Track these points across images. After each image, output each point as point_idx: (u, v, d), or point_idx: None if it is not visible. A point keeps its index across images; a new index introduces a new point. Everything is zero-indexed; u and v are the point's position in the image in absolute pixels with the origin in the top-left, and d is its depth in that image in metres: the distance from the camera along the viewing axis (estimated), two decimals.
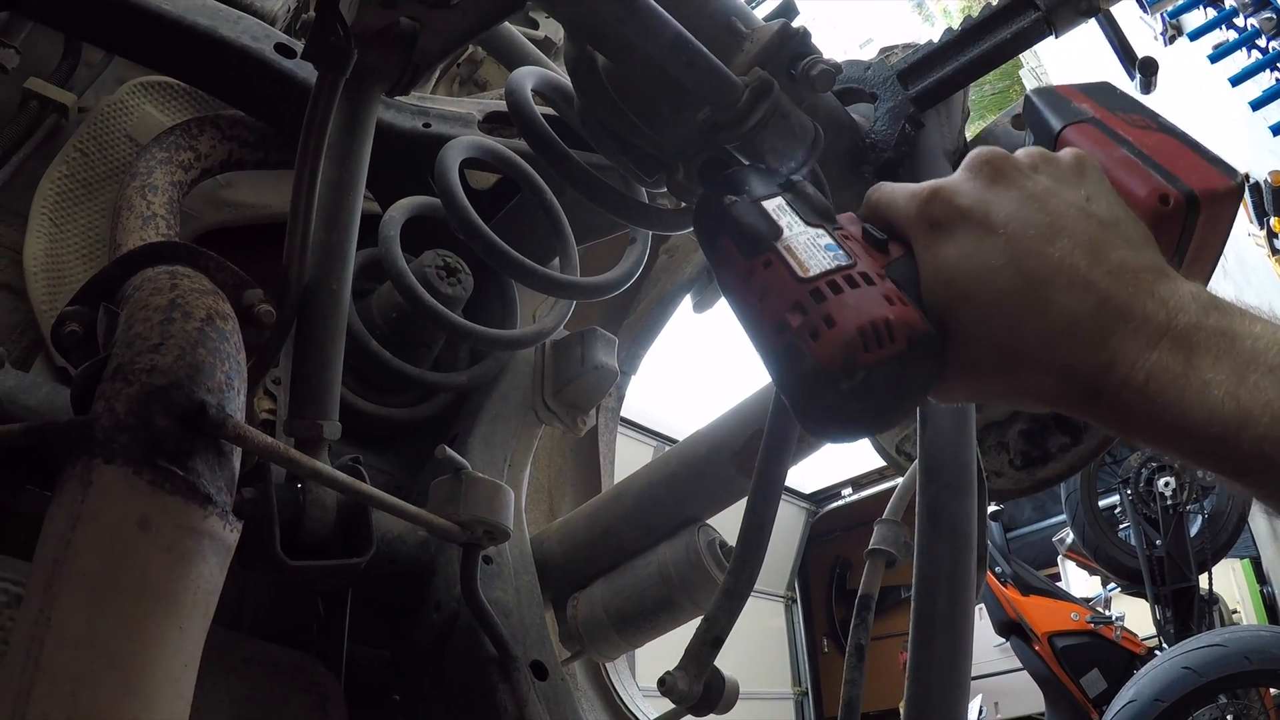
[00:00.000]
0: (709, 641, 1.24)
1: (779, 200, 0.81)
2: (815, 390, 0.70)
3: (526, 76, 1.31)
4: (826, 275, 0.72)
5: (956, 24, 1.35)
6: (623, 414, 2.96)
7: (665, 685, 1.29)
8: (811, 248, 0.74)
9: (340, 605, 1.59)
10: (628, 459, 2.76)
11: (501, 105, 2.04)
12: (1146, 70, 1.33)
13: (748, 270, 0.76)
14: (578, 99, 1.15)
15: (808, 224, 0.77)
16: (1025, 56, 11.26)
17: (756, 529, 1.17)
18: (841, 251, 0.74)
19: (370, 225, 1.69)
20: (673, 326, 2.77)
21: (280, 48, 1.87)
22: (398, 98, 1.65)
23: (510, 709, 1.40)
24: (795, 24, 1.14)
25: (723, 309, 2.62)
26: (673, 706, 1.31)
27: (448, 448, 1.35)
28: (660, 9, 0.93)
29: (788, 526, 10.75)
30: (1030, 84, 11.60)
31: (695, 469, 1.71)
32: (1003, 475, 1.68)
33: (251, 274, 1.23)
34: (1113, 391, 0.65)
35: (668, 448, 3.01)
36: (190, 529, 0.80)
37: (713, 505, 1.72)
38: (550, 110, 1.28)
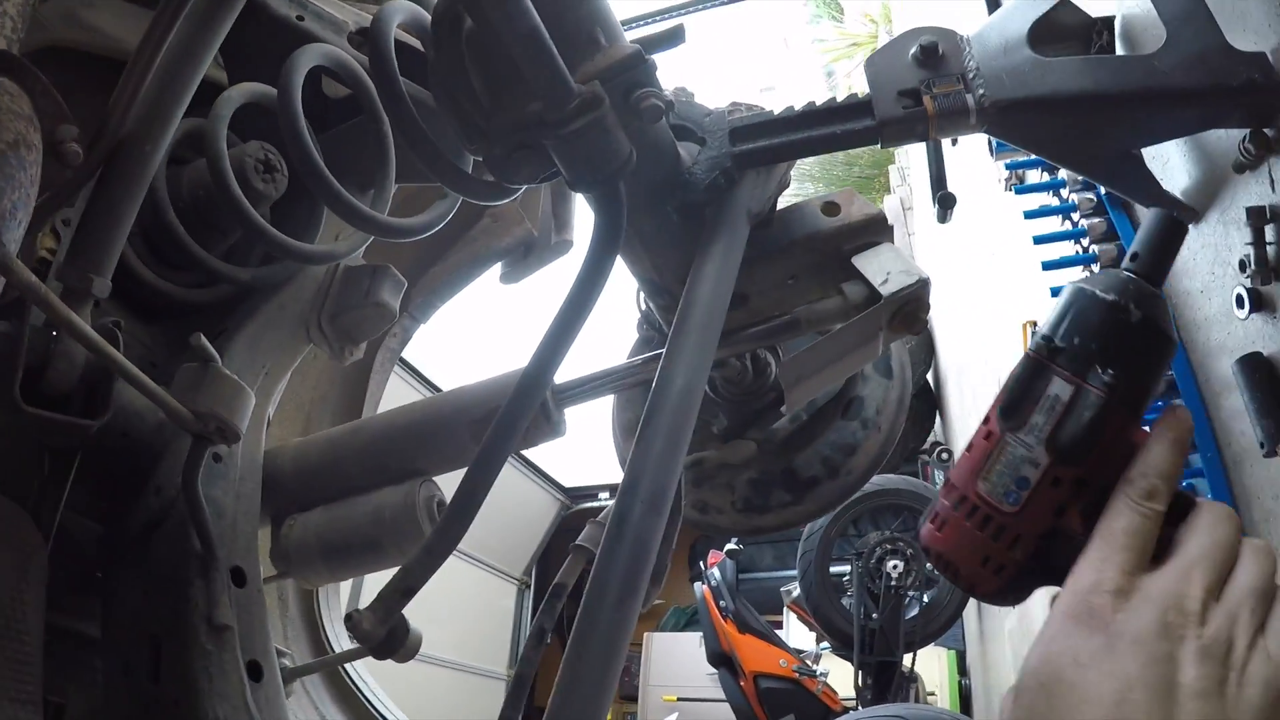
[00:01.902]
0: (401, 590, 1.28)
1: None
2: None
3: (397, 11, 1.33)
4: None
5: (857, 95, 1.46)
6: (408, 359, 2.93)
7: (351, 621, 1.33)
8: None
9: (65, 468, 1.55)
10: (399, 400, 2.78)
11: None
12: (945, 204, 1.46)
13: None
14: (432, 50, 1.18)
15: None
16: (898, 154, 11.81)
17: (469, 494, 1.22)
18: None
19: (208, 96, 1.65)
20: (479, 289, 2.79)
21: None
22: None
23: (201, 606, 1.40)
24: (681, 50, 1.21)
25: (528, 284, 2.64)
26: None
27: (202, 336, 1.35)
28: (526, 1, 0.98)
29: (538, 514, 10.84)
30: (895, 180, 12.11)
31: (435, 425, 1.74)
32: (723, 513, 1.79)
33: (76, 105, 1.20)
34: None
35: None
36: None
37: (443, 464, 1.75)
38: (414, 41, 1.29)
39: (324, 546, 1.73)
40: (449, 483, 1.80)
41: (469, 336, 7.17)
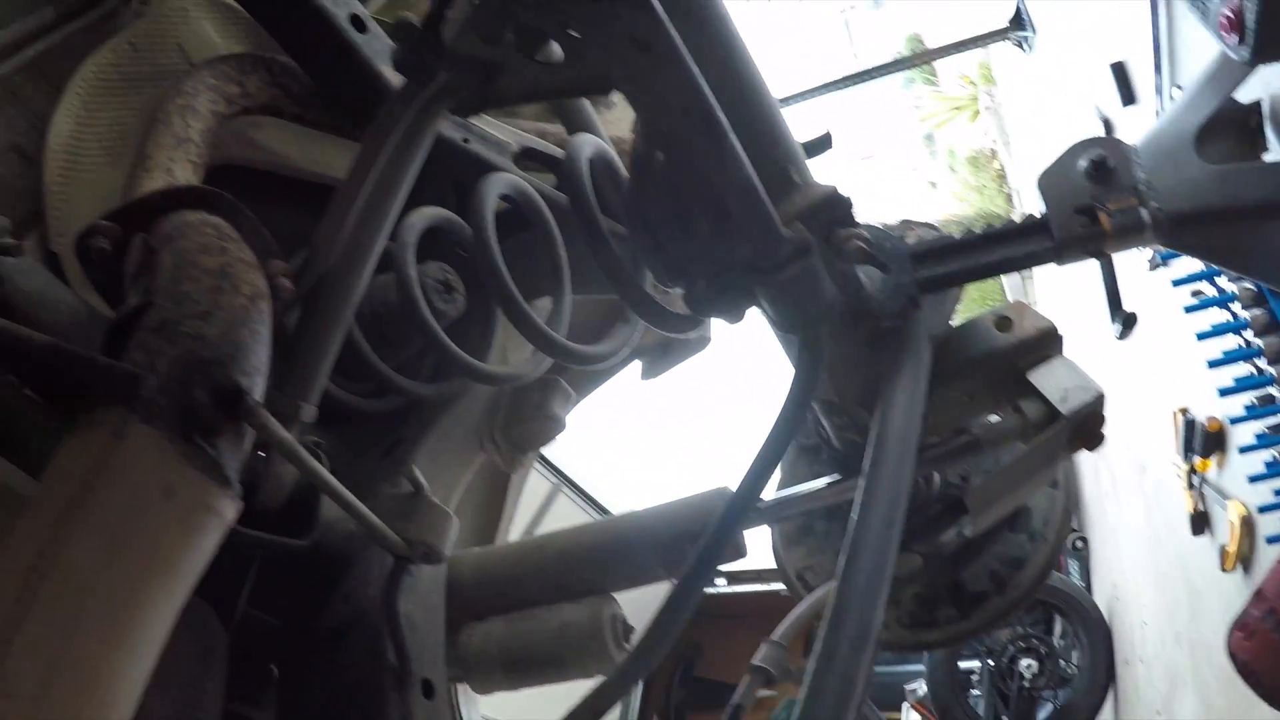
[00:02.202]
0: (592, 712, 1.31)
1: None
2: None
3: (585, 146, 1.40)
4: None
5: (957, 163, 1.48)
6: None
7: None
8: None
9: (246, 566, 1.63)
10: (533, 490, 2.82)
11: (536, 142, 2.12)
12: (1128, 323, 1.45)
13: None
14: (629, 187, 1.23)
15: None
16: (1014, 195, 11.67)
17: (667, 624, 1.24)
18: None
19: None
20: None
21: (354, 19, 1.91)
22: None
23: (395, 718, 1.45)
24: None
25: (668, 380, 2.67)
26: None
27: (415, 469, 1.41)
28: (740, 150, 1.02)
29: (655, 600, 10.74)
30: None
31: (620, 547, 1.78)
32: (888, 629, 1.78)
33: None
34: None
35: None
36: (206, 506, 0.86)
37: (625, 583, 1.78)
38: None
39: (505, 658, 1.77)
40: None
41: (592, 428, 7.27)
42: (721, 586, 9.29)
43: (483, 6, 1.19)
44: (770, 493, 1.79)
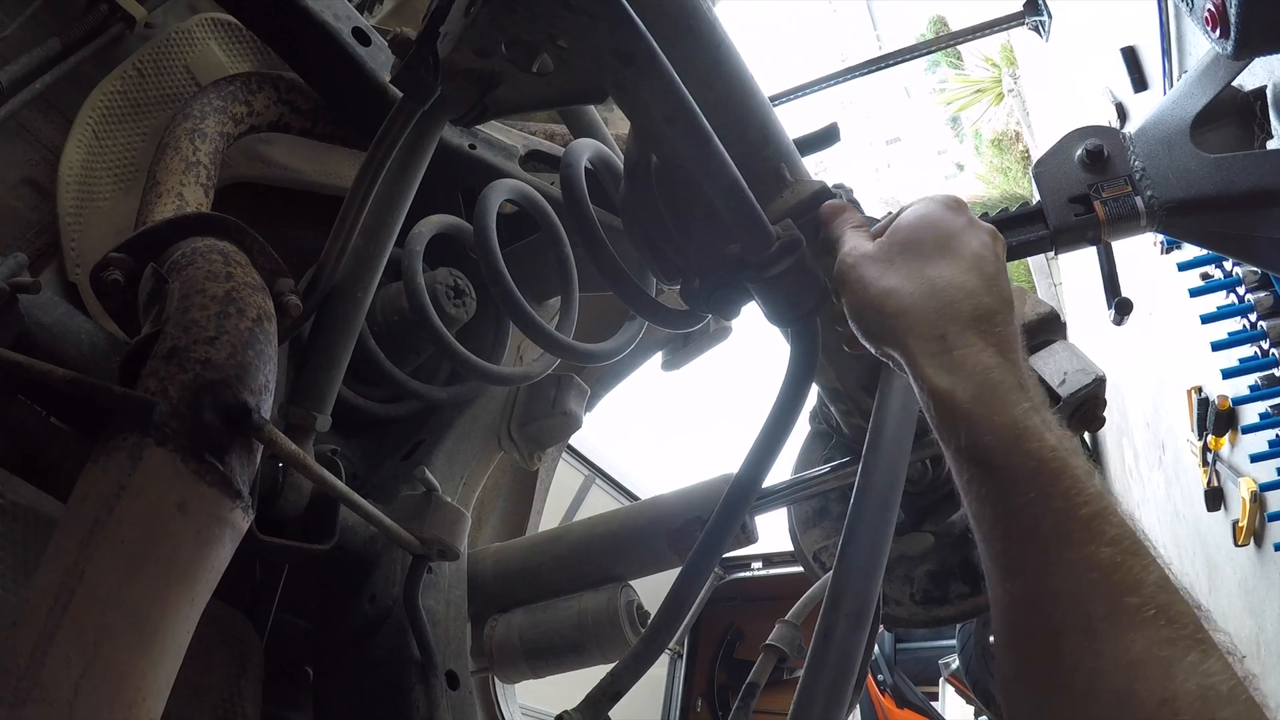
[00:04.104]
0: (610, 694, 1.34)
1: None
2: None
3: (583, 150, 1.43)
4: None
5: (983, 144, 1.50)
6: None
7: None
8: None
9: (276, 572, 1.68)
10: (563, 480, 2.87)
11: (542, 144, 2.15)
12: (1122, 309, 1.47)
13: None
14: (624, 189, 1.26)
15: None
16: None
17: (677, 607, 1.27)
18: None
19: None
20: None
21: (357, 32, 1.95)
22: None
23: (422, 710, 1.50)
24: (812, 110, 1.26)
25: (689, 370, 2.71)
26: None
27: (426, 470, 1.45)
28: (725, 154, 1.05)
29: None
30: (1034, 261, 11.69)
31: (634, 535, 1.82)
32: (901, 605, 1.81)
33: (263, 232, 1.32)
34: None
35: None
36: (219, 518, 0.91)
37: (640, 570, 1.83)
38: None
39: (527, 646, 1.83)
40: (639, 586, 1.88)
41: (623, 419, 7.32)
42: (758, 570, 9.33)
43: (475, 21, 1.22)
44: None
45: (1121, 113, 4.71)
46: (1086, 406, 1.43)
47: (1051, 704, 0.73)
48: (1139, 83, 4.05)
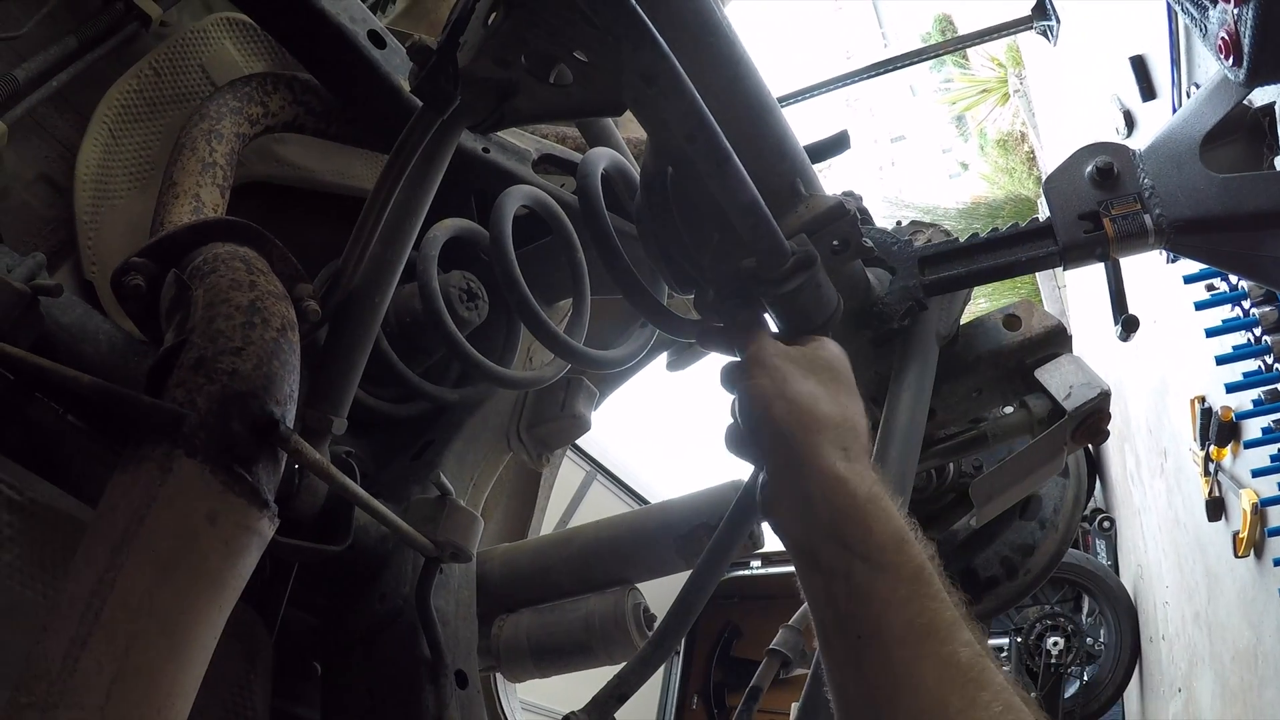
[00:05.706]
0: (617, 696, 1.37)
1: None
2: None
3: (599, 160, 1.44)
4: None
5: (988, 144, 1.52)
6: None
7: None
8: None
9: (286, 568, 1.70)
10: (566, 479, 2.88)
11: (555, 148, 2.16)
12: (1129, 326, 1.49)
13: None
14: (640, 200, 1.27)
15: None
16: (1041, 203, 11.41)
17: (684, 613, 1.30)
18: None
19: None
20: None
21: (373, 35, 1.96)
22: None
23: (432, 709, 1.52)
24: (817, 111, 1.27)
25: (694, 371, 2.73)
26: None
27: (441, 474, 1.47)
28: (743, 171, 1.06)
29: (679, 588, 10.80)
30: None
31: (641, 540, 1.85)
32: None
33: (277, 231, 1.34)
34: None
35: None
36: (247, 527, 0.93)
37: (647, 574, 1.86)
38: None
39: (534, 647, 1.86)
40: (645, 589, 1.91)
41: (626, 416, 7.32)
42: (757, 568, 9.35)
43: (495, 32, 1.23)
44: None
45: (1129, 120, 4.72)
46: (1091, 420, 1.44)
47: None
48: (1147, 92, 4.06)
